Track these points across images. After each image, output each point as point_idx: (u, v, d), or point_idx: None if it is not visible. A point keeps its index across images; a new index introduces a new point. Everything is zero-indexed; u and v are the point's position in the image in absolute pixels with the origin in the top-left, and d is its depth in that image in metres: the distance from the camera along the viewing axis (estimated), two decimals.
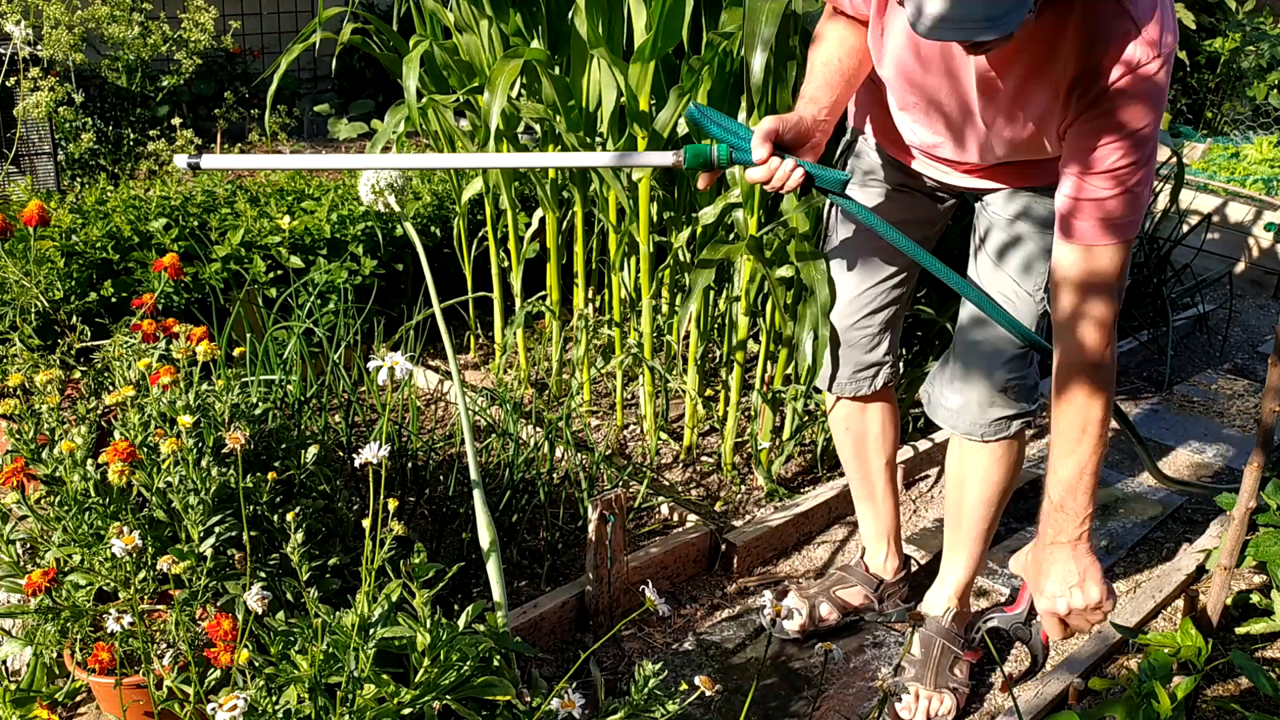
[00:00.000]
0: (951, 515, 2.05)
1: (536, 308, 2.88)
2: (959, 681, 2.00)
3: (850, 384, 2.07)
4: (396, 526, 1.42)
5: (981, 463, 1.95)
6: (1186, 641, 1.81)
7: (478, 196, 3.01)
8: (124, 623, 1.34)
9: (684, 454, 2.75)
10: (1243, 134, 5.92)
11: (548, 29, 2.57)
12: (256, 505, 1.70)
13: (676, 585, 2.31)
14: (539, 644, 2.05)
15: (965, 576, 2.07)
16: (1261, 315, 4.22)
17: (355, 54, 5.90)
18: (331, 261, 2.96)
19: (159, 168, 4.04)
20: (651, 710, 1.51)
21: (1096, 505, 1.62)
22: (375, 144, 2.67)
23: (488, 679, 1.54)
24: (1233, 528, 1.89)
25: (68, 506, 1.63)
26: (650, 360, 2.68)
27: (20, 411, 1.67)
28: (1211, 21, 6.15)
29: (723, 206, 2.40)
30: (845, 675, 2.08)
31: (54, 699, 1.79)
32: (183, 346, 1.75)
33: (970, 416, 1.90)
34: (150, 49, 4.20)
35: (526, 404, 2.85)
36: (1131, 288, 3.82)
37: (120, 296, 2.66)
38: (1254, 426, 3.23)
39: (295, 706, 1.41)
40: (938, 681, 1.98)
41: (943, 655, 2.01)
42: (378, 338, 2.82)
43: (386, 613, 1.47)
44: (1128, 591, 2.41)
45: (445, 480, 2.37)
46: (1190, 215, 4.50)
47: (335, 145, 5.43)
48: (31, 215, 1.98)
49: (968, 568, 2.06)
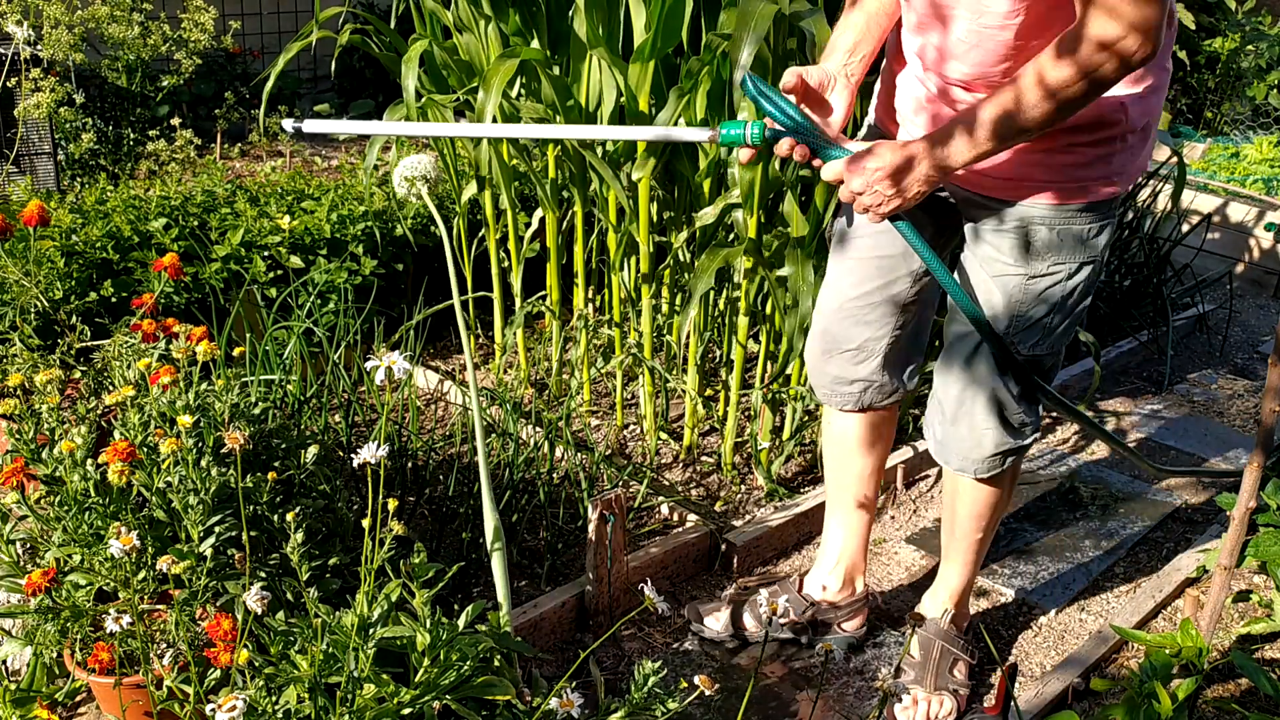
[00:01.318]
0: (946, 523, 2.02)
1: (536, 308, 2.88)
2: (959, 683, 2.00)
3: (833, 395, 1.99)
4: (396, 526, 1.42)
5: (972, 494, 1.91)
6: (1187, 642, 1.81)
7: (477, 196, 3.01)
8: (124, 623, 1.34)
9: (684, 454, 2.74)
10: (1243, 134, 5.92)
11: (547, 29, 2.57)
12: (256, 505, 1.70)
13: (676, 585, 2.31)
14: (539, 644, 2.05)
15: (961, 581, 2.04)
16: (1261, 315, 4.22)
17: (355, 54, 5.89)
18: (331, 261, 2.96)
19: (159, 168, 4.05)
20: (651, 709, 1.51)
21: (961, 156, 1.50)
22: (375, 143, 2.67)
23: (488, 679, 1.54)
24: (1233, 528, 1.88)
25: (68, 506, 1.63)
26: (650, 360, 2.68)
27: (20, 411, 1.67)
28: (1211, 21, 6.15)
29: (722, 207, 2.40)
30: (845, 675, 2.08)
31: (54, 699, 1.79)
32: (182, 346, 1.75)
33: (961, 452, 1.84)
34: (150, 49, 4.20)
35: (526, 404, 2.85)
36: (1131, 288, 3.82)
37: (120, 296, 2.66)
38: (1254, 426, 3.23)
39: (295, 706, 1.41)
40: (937, 684, 1.98)
41: (942, 657, 2.00)
42: (378, 338, 2.82)
43: (386, 613, 1.47)
44: (1128, 591, 2.41)
45: (445, 480, 2.37)
46: (1190, 215, 4.50)
47: (335, 145, 5.42)
48: (31, 215, 1.98)
49: (964, 572, 2.03)
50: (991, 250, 1.69)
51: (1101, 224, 1.65)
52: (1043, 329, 1.71)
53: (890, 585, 2.37)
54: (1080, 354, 3.47)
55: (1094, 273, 1.68)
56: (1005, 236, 1.67)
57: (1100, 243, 1.66)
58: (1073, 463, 2.95)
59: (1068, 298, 1.69)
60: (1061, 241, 1.64)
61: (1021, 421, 1.80)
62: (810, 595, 2.14)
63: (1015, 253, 1.67)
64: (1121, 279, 3.84)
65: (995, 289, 1.70)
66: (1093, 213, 1.64)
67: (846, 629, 2.15)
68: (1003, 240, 1.68)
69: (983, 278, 1.72)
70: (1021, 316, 1.70)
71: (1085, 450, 3.03)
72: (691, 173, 2.49)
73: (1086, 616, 2.31)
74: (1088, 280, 1.68)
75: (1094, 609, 2.34)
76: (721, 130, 1.64)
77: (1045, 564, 2.47)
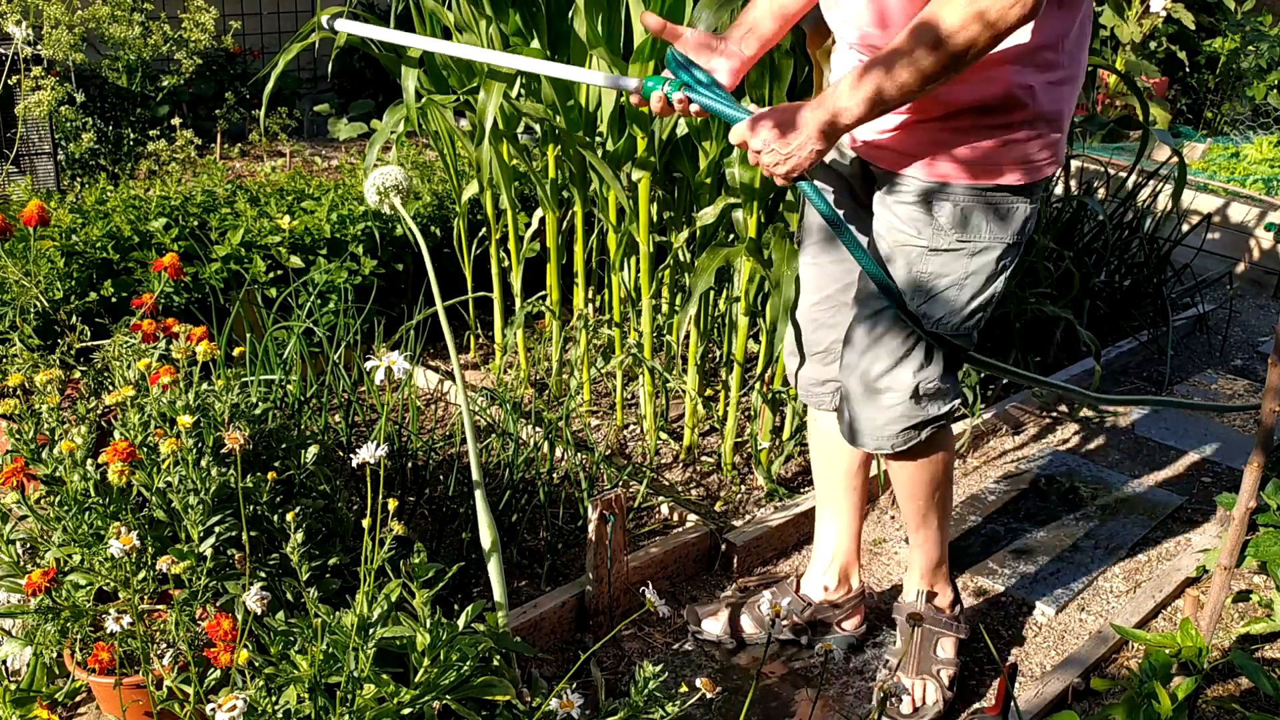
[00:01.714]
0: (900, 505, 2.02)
1: (536, 308, 2.88)
2: (944, 661, 1.99)
3: (810, 395, 2.02)
4: (396, 526, 1.42)
5: (899, 472, 1.89)
6: (1186, 641, 1.81)
7: (478, 196, 3.01)
8: (124, 623, 1.34)
9: (684, 454, 2.75)
10: (1242, 134, 5.92)
11: (547, 29, 2.57)
12: (256, 505, 1.70)
13: (676, 585, 2.31)
14: (539, 644, 2.05)
15: (926, 560, 2.01)
16: (1261, 315, 4.22)
17: (355, 54, 5.89)
18: (331, 261, 2.96)
19: (159, 167, 4.05)
20: (651, 711, 1.51)
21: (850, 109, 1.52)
22: (374, 143, 2.67)
23: (488, 679, 1.54)
24: (1233, 528, 1.88)
25: (68, 506, 1.63)
26: (650, 360, 2.68)
27: (20, 411, 1.67)
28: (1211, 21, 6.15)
29: (722, 207, 2.40)
30: (845, 675, 2.08)
31: (54, 699, 1.79)
32: (182, 346, 1.75)
33: (872, 430, 1.80)
34: (150, 49, 4.20)
35: (526, 404, 2.85)
36: (1131, 287, 3.82)
37: (120, 296, 2.66)
38: (1254, 426, 3.23)
39: (295, 706, 1.41)
40: (920, 667, 1.98)
41: (923, 640, 2.00)
42: (378, 338, 2.82)
43: (386, 613, 1.47)
44: (1128, 591, 2.41)
45: (445, 480, 2.37)
46: (1190, 215, 4.50)
47: (335, 145, 5.42)
48: (31, 215, 1.98)
49: (926, 551, 2.00)
50: (896, 220, 1.71)
51: (1011, 207, 1.66)
52: (946, 304, 1.71)
53: (890, 585, 2.37)
54: (1080, 354, 3.47)
55: (1004, 256, 1.69)
56: (909, 208, 1.69)
57: (1012, 227, 1.67)
58: (1073, 463, 2.95)
59: (971, 275, 1.69)
60: (966, 219, 1.66)
61: (933, 391, 1.77)
62: (809, 596, 2.14)
63: (917, 224, 1.69)
64: (1121, 279, 3.84)
65: (897, 257, 1.72)
66: (1004, 194, 1.65)
67: (845, 628, 2.15)
68: (907, 211, 1.70)
69: (885, 246, 1.74)
70: (922, 288, 1.71)
71: (1086, 450, 3.03)
72: (691, 172, 2.49)
73: (1086, 616, 2.31)
74: (996, 262, 1.69)
75: (1094, 609, 2.34)
76: (646, 81, 1.75)
77: (1045, 564, 2.47)
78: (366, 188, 1.80)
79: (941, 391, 1.78)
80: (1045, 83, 1.59)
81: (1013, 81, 1.57)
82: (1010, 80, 1.57)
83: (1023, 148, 1.63)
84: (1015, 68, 1.57)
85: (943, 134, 1.63)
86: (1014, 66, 1.57)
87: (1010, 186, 1.65)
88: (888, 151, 1.70)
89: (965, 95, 1.58)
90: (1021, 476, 2.85)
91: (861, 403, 1.80)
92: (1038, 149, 1.64)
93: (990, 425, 3.02)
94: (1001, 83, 1.57)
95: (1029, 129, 1.61)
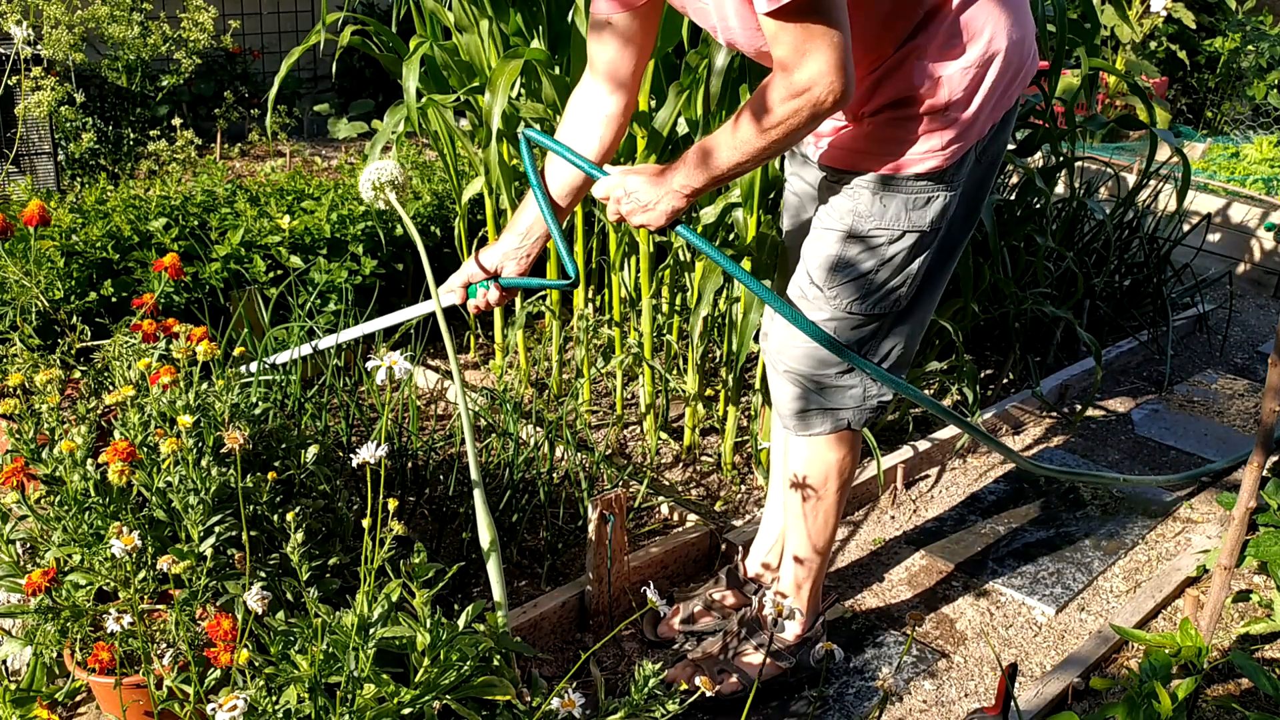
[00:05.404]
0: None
1: (536, 308, 2.88)
2: (747, 665, 1.99)
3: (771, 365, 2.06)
4: (396, 526, 1.42)
5: (793, 451, 1.94)
6: (1186, 641, 1.81)
7: (478, 196, 3.01)
8: (124, 623, 1.34)
9: (684, 454, 2.75)
10: (1243, 134, 5.93)
11: (548, 29, 2.57)
12: (256, 505, 1.70)
13: (676, 585, 2.31)
14: (539, 644, 2.05)
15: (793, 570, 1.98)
16: (1261, 315, 4.22)
17: (355, 54, 5.90)
18: (332, 261, 2.96)
19: (159, 167, 4.05)
20: (651, 710, 1.51)
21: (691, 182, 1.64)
22: (375, 144, 2.67)
23: (488, 679, 1.54)
24: (1233, 528, 1.88)
25: (68, 506, 1.63)
26: (650, 360, 2.68)
27: (20, 411, 1.67)
28: (1211, 21, 6.15)
29: (723, 207, 2.40)
30: (845, 675, 2.08)
31: (54, 699, 1.79)
32: (183, 346, 1.75)
33: (779, 406, 1.90)
34: (150, 49, 4.20)
35: (526, 404, 2.85)
36: (1131, 287, 3.82)
37: (120, 296, 2.66)
38: (1254, 426, 3.23)
39: (295, 706, 1.41)
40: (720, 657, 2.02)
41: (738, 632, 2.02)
42: (378, 338, 2.82)
43: (386, 613, 1.47)
44: (1128, 591, 2.41)
45: (445, 480, 2.37)
46: (1190, 215, 4.50)
47: (335, 145, 5.43)
48: (31, 215, 1.98)
49: (795, 558, 1.98)
50: (825, 208, 1.78)
51: (929, 195, 1.70)
52: (863, 287, 1.75)
53: (890, 585, 2.37)
54: (1080, 354, 3.47)
55: (920, 242, 1.73)
56: (837, 198, 1.76)
57: (929, 214, 1.71)
58: (1073, 463, 2.95)
59: (889, 260, 1.74)
60: (885, 208, 1.70)
61: (831, 386, 1.84)
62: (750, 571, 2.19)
63: (839, 212, 1.74)
64: (1121, 279, 3.84)
65: (818, 239, 1.79)
66: (921, 183, 1.69)
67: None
68: (836, 200, 1.76)
69: (816, 231, 1.81)
70: (840, 270, 1.75)
71: (1086, 450, 3.03)
72: None
73: (1086, 616, 2.31)
74: (912, 247, 1.74)
75: (1094, 609, 2.34)
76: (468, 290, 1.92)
77: (1045, 564, 2.47)
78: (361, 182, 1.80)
79: (843, 387, 1.85)
80: (960, 70, 1.61)
81: (919, 73, 1.61)
82: (916, 72, 1.61)
83: (938, 136, 1.66)
84: (919, 62, 1.61)
85: (864, 127, 1.70)
86: (918, 61, 1.61)
87: (925, 175, 1.69)
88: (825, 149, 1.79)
89: (881, 92, 1.65)
90: (1021, 476, 2.85)
91: (773, 383, 1.90)
92: (951, 136, 1.66)
93: (990, 425, 3.02)
94: (907, 76, 1.62)
95: (941, 117, 1.64)
